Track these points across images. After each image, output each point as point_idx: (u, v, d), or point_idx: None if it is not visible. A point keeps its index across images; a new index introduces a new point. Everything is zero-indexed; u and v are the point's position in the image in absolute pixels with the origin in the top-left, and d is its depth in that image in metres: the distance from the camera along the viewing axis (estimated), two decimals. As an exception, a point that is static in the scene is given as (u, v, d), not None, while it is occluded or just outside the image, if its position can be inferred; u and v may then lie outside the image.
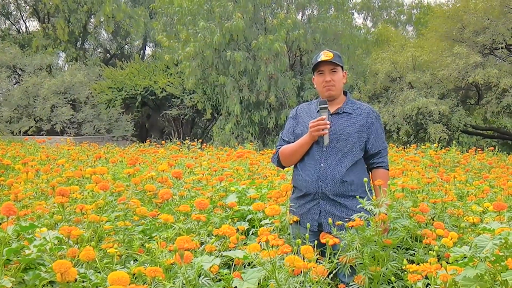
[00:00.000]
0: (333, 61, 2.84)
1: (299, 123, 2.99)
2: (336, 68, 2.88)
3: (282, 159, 2.99)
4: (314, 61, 2.91)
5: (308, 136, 2.81)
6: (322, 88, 2.90)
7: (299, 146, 2.87)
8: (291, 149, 2.92)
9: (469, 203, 3.39)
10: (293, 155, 2.92)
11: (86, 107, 23.22)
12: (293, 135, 2.97)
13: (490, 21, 16.72)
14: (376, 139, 2.90)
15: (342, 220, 2.64)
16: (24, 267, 1.96)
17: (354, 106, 2.95)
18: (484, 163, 6.77)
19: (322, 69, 2.88)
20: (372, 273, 2.36)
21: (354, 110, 2.92)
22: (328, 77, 2.87)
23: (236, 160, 6.50)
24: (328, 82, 2.87)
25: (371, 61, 20.50)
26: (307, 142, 2.83)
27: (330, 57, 2.84)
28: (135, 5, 30.65)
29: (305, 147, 2.86)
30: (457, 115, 17.38)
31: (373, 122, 2.91)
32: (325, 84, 2.88)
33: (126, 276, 1.66)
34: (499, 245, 1.63)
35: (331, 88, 2.88)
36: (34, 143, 9.31)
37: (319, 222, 2.79)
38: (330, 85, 2.87)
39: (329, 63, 2.85)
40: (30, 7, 30.72)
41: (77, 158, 6.06)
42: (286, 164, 3.02)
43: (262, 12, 19.26)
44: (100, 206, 2.80)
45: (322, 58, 2.85)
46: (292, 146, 2.92)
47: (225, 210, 3.27)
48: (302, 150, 2.87)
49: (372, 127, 2.90)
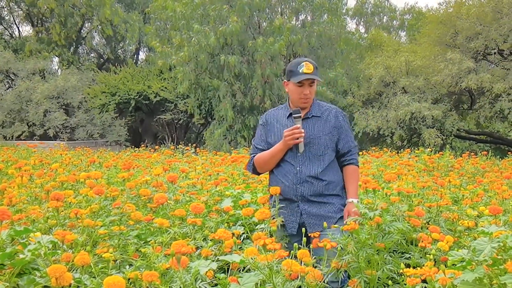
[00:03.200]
0: (314, 77, 2.85)
1: (270, 131, 3.02)
2: (314, 81, 2.89)
3: (257, 167, 3.03)
4: (294, 69, 2.88)
5: (283, 144, 2.84)
6: (299, 99, 2.91)
7: (274, 154, 2.91)
8: (265, 157, 2.96)
9: (464, 207, 3.39)
10: (268, 163, 2.96)
11: (79, 112, 23.12)
12: (266, 142, 3.01)
13: (483, 27, 16.82)
14: (346, 139, 2.96)
15: (324, 218, 2.76)
16: (18, 272, 1.94)
17: (321, 108, 3.00)
18: (477, 168, 6.79)
19: (303, 81, 2.87)
20: (368, 276, 2.35)
21: (322, 113, 2.97)
22: (306, 91, 2.88)
23: (231, 164, 6.49)
24: (306, 95, 2.89)
25: (365, 65, 20.56)
26: (281, 150, 2.87)
27: (311, 71, 2.84)
28: (129, 10, 30.62)
29: (279, 155, 2.90)
30: (450, 120, 17.45)
31: (341, 122, 2.96)
32: (302, 96, 2.89)
33: (121, 280, 1.64)
34: (497, 248, 1.63)
35: (308, 101, 2.92)
36: (26, 148, 9.26)
37: (301, 222, 2.84)
38: (307, 97, 2.90)
39: (310, 77, 2.85)
40: (23, 12, 30.60)
41: (71, 163, 6.03)
42: (261, 171, 3.07)
43: (256, 17, 19.29)
44: (95, 211, 2.78)
45: (304, 70, 2.84)
46: (266, 154, 2.95)
47: (220, 214, 3.26)
48: (277, 157, 2.91)
49: (341, 127, 2.95)
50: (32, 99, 22.42)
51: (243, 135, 18.20)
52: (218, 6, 17.85)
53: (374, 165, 6.38)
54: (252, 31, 19.02)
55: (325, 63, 19.54)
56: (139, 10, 29.87)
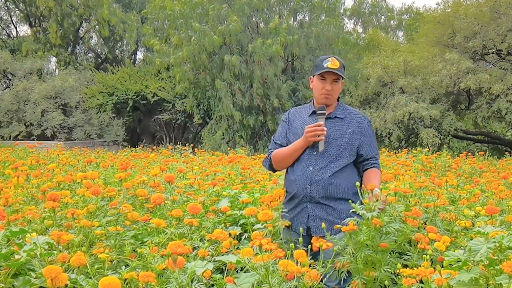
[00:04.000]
0: (337, 73, 2.80)
1: (291, 128, 2.97)
2: (339, 78, 2.85)
3: (274, 163, 2.98)
4: (319, 64, 2.86)
5: (303, 141, 2.79)
6: (320, 94, 2.87)
7: (293, 151, 2.85)
8: (284, 153, 2.90)
9: (461, 207, 3.40)
10: (286, 159, 2.90)
11: (77, 111, 23.06)
12: (286, 139, 2.96)
13: (481, 27, 16.84)
14: (369, 146, 2.89)
15: (330, 223, 2.66)
16: (14, 272, 1.93)
17: (346, 111, 2.94)
18: (475, 168, 6.80)
19: (325, 76, 2.83)
20: (366, 278, 2.35)
21: (346, 116, 2.91)
22: (329, 86, 2.83)
23: (228, 164, 6.48)
24: (328, 91, 2.84)
25: (363, 65, 20.55)
26: (301, 147, 2.82)
27: (337, 67, 2.80)
28: (127, 10, 30.55)
29: (298, 152, 2.84)
30: (448, 120, 17.45)
31: (365, 128, 2.90)
32: (324, 92, 2.84)
33: (117, 281, 1.64)
34: (493, 248, 1.63)
35: (329, 98, 2.86)
36: (24, 148, 9.24)
37: (308, 226, 2.78)
38: (329, 94, 2.85)
39: (333, 72, 2.81)
40: (21, 12, 30.52)
41: (68, 163, 6.01)
42: (278, 168, 3.01)
43: (254, 17, 19.29)
44: (91, 211, 2.78)
45: (328, 65, 2.79)
46: (285, 150, 2.90)
47: (217, 214, 3.25)
48: (296, 155, 2.86)
49: (364, 133, 2.88)
50: (30, 99, 22.35)
51: (241, 134, 18.19)
52: (217, 5, 17.84)
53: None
54: (251, 31, 19.02)
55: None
56: (137, 10, 29.79)
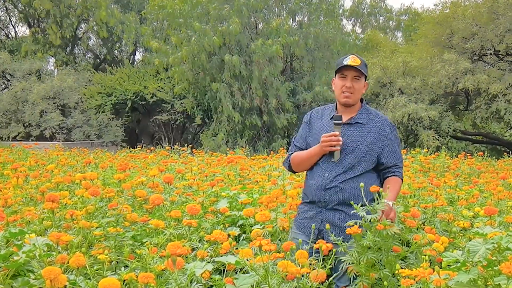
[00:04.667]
0: (358, 68, 2.72)
1: (311, 130, 2.92)
2: (360, 76, 2.76)
3: (293, 165, 2.96)
4: (340, 63, 2.78)
5: (319, 149, 2.74)
6: (341, 93, 2.79)
7: (309, 157, 2.82)
8: (301, 157, 2.88)
9: (459, 208, 3.40)
10: (303, 163, 2.88)
11: (76, 112, 23.04)
12: (305, 141, 2.92)
13: (479, 28, 16.86)
14: (391, 153, 2.80)
15: (342, 229, 2.59)
16: (13, 273, 1.93)
17: (369, 116, 2.85)
18: (473, 168, 6.80)
19: (345, 73, 2.76)
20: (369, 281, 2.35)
21: (368, 121, 2.82)
22: (349, 83, 2.75)
23: (227, 165, 6.48)
24: (348, 88, 2.75)
25: (361, 66, 20.53)
26: (317, 154, 2.77)
27: (357, 64, 2.72)
28: (125, 10, 30.53)
29: (314, 158, 2.80)
30: (446, 120, 17.45)
31: (387, 135, 2.81)
32: (344, 89, 2.76)
33: (117, 282, 1.64)
34: (492, 249, 1.64)
35: (349, 96, 2.77)
36: (23, 148, 9.23)
37: (320, 229, 2.73)
38: (350, 92, 2.76)
39: (354, 69, 2.73)
40: (20, 12, 30.49)
41: (67, 164, 6.01)
42: (297, 170, 3.00)
43: (253, 17, 19.29)
44: (90, 212, 2.78)
45: (348, 62, 2.73)
46: (303, 155, 2.87)
47: (216, 215, 3.25)
48: (313, 160, 2.81)
49: (386, 140, 2.79)
50: (28, 99, 22.32)
51: (241, 135, 18.18)
52: (218, 5, 17.82)
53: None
54: (249, 31, 19.02)
55: (322, 64, 19.57)
56: (135, 11, 29.78)
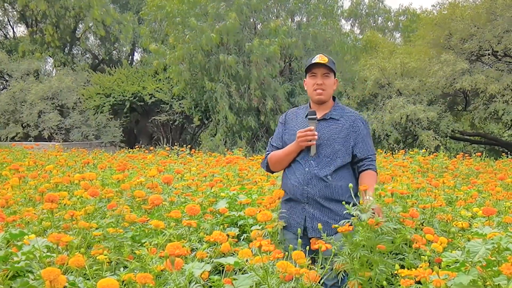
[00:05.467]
0: (327, 65, 2.85)
1: (287, 130, 3.01)
2: (329, 73, 2.89)
3: (270, 165, 3.02)
4: (308, 62, 2.92)
5: (295, 145, 2.83)
6: (313, 91, 2.91)
7: (287, 154, 2.89)
8: (278, 156, 2.95)
9: (458, 208, 3.40)
10: (281, 162, 2.95)
11: (74, 113, 23.01)
12: (282, 141, 3.00)
13: (477, 28, 16.90)
14: (363, 145, 2.90)
15: (327, 224, 2.68)
16: (12, 274, 1.93)
17: (341, 112, 2.96)
18: (472, 169, 6.81)
19: (315, 71, 2.89)
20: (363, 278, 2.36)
21: (341, 116, 2.93)
22: (320, 80, 2.88)
23: (225, 166, 6.48)
24: (319, 85, 2.88)
25: (360, 67, 20.56)
26: (294, 151, 2.86)
27: (325, 61, 2.85)
28: (123, 10, 30.52)
29: (292, 155, 2.88)
30: (445, 121, 17.48)
31: (359, 128, 2.91)
32: (316, 87, 2.89)
33: (116, 283, 1.64)
34: (491, 250, 1.64)
35: (322, 93, 2.89)
36: (21, 149, 9.22)
37: (304, 226, 2.80)
38: (321, 88, 2.88)
39: (323, 66, 2.86)
40: (18, 13, 30.44)
41: (65, 164, 6.00)
42: (275, 169, 3.05)
43: (252, 17, 19.27)
44: (89, 212, 2.78)
45: (317, 60, 2.86)
46: (280, 153, 2.94)
47: (215, 216, 3.26)
48: (290, 157, 2.90)
49: (359, 133, 2.90)
50: (27, 100, 22.29)
51: (240, 136, 18.16)
52: (216, 4, 17.79)
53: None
54: (248, 31, 19.01)
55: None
56: (133, 11, 29.75)
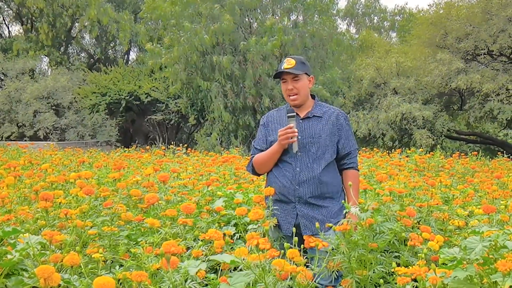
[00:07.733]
0: (291, 72, 2.85)
1: (271, 131, 3.00)
2: (298, 76, 2.88)
3: (256, 168, 3.02)
4: (278, 69, 2.93)
5: (278, 145, 2.83)
6: (287, 96, 2.93)
7: (271, 155, 2.89)
8: (263, 157, 2.94)
9: (454, 207, 3.41)
10: (266, 164, 2.95)
11: (70, 112, 22.91)
12: (266, 143, 2.99)
13: (473, 28, 16.94)
14: (346, 140, 2.93)
15: (318, 221, 2.67)
16: (6, 272, 1.91)
17: (323, 109, 2.98)
18: (467, 168, 6.84)
19: (284, 77, 2.90)
20: (359, 277, 2.35)
21: (323, 113, 2.94)
22: (290, 86, 2.89)
23: (222, 165, 6.48)
24: (290, 90, 2.89)
25: (356, 66, 20.60)
26: (277, 151, 2.86)
27: (292, 66, 2.85)
28: (119, 9, 30.43)
29: (276, 155, 2.88)
30: (440, 120, 17.53)
31: (342, 123, 2.93)
32: (288, 92, 2.91)
33: (111, 281, 1.63)
34: (488, 247, 1.64)
35: (295, 98, 2.90)
36: (16, 148, 9.17)
37: (296, 224, 2.80)
38: (293, 93, 2.89)
39: (290, 72, 2.86)
40: (13, 12, 30.32)
41: (61, 163, 5.98)
42: (260, 172, 3.05)
43: (247, 17, 19.26)
44: (85, 211, 2.76)
45: (283, 67, 2.87)
46: (264, 154, 2.94)
47: (211, 214, 3.25)
48: (274, 158, 2.89)
49: (342, 128, 2.92)
50: (22, 99, 22.18)
51: (237, 134, 18.15)
52: (209, 5, 17.78)
53: (365, 165, 6.39)
54: (243, 31, 18.99)
55: (316, 63, 19.57)
56: (130, 10, 29.67)
